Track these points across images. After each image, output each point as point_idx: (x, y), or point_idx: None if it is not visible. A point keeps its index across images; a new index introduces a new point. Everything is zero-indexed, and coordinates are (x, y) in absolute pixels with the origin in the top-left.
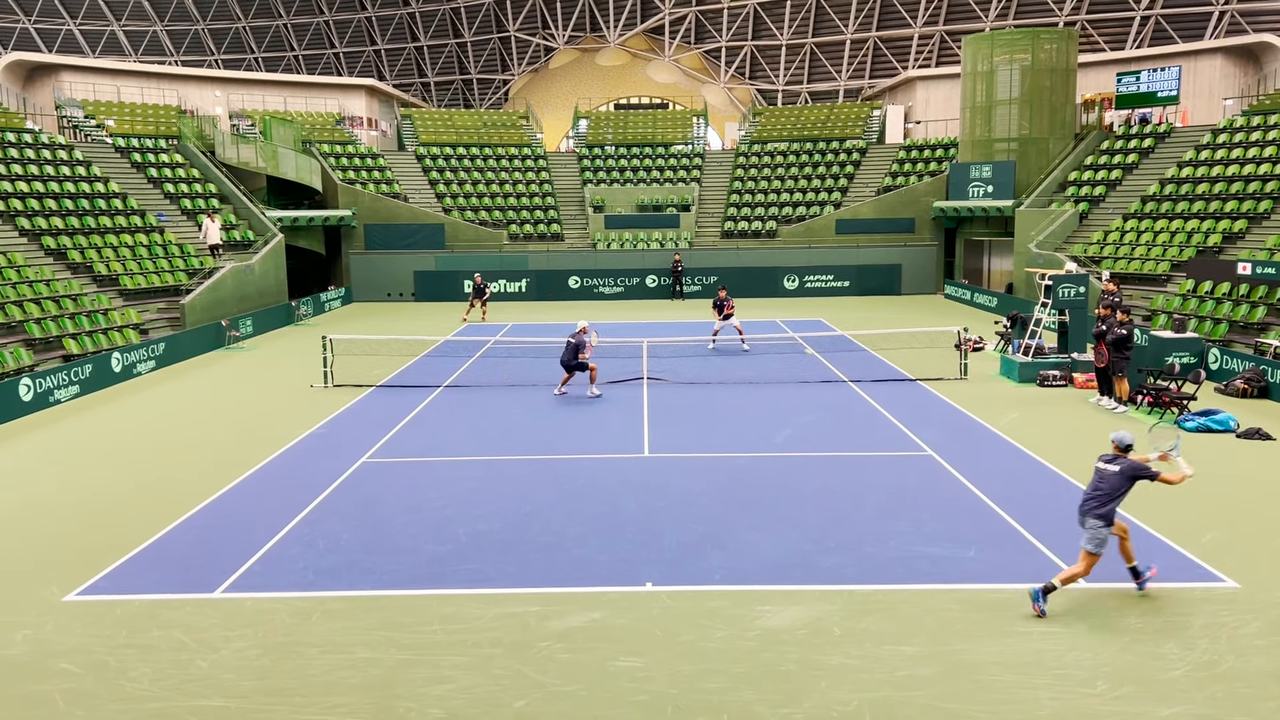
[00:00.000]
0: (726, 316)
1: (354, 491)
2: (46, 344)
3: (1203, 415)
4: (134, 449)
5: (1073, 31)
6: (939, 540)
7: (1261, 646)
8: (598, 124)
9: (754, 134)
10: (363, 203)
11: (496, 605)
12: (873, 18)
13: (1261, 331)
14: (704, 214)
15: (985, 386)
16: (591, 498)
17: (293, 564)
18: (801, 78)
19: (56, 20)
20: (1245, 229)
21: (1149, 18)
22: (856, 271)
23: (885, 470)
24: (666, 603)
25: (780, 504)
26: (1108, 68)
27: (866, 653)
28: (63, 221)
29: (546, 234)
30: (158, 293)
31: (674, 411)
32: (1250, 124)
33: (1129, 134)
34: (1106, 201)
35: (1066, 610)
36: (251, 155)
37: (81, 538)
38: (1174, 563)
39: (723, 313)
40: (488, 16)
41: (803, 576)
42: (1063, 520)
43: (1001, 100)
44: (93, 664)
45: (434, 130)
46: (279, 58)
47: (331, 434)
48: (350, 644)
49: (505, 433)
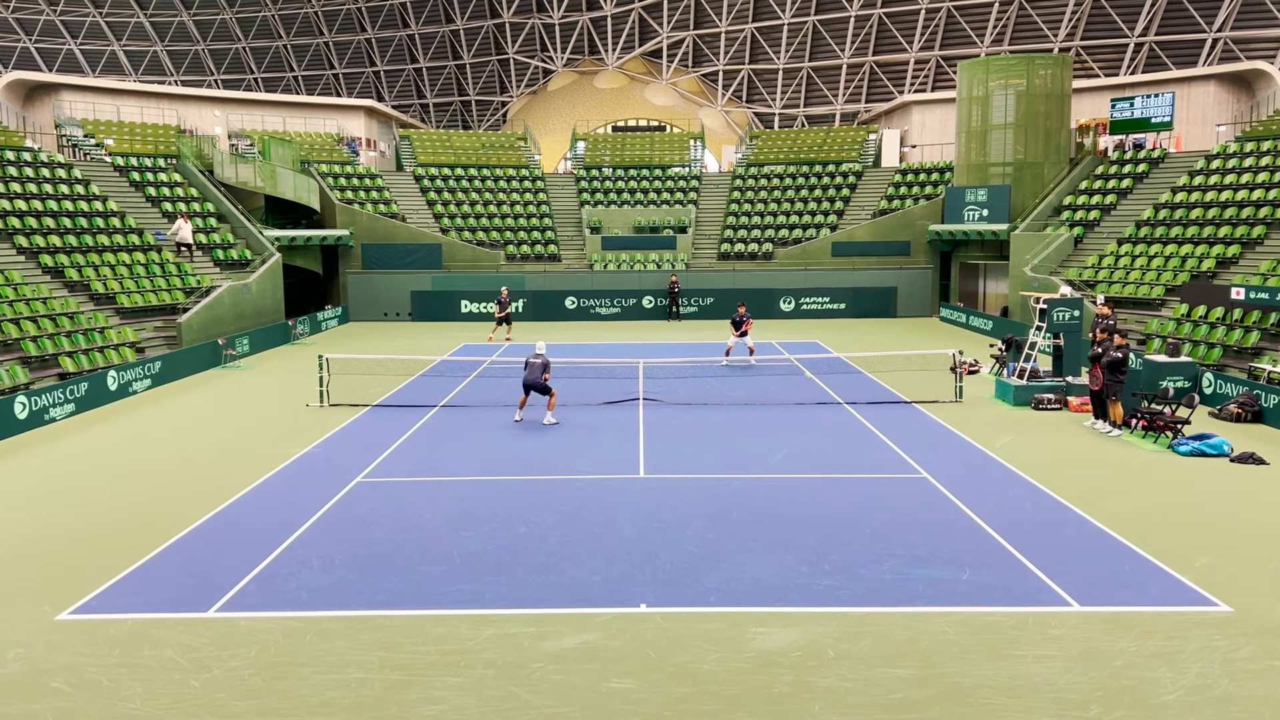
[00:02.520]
0: (743, 334)
1: (349, 511)
2: (43, 362)
3: (1197, 439)
4: (128, 467)
5: (1067, 57)
6: (933, 563)
7: (1255, 671)
8: (595, 146)
9: (751, 157)
10: (360, 222)
11: (490, 626)
12: (869, 42)
13: (1255, 356)
14: (701, 236)
15: (980, 409)
16: (586, 518)
17: (287, 583)
18: (798, 101)
19: (57, 40)
20: (1239, 254)
21: (1143, 44)
22: (852, 294)
23: (880, 492)
24: (660, 624)
25: (775, 526)
26: (1102, 93)
27: (860, 675)
28: (61, 240)
29: (544, 255)
30: (154, 311)
31: (669, 432)
32: (1244, 150)
33: (1123, 159)
34: (1101, 226)
35: (1060, 634)
36: (250, 175)
37: (75, 556)
38: (1167, 586)
39: (740, 329)
40: (487, 39)
41: (797, 598)
42: (1056, 543)
43: (997, 125)
44: (85, 683)
45: (432, 151)
46: (278, 78)
47: (327, 453)
48: (344, 664)
49: (501, 453)
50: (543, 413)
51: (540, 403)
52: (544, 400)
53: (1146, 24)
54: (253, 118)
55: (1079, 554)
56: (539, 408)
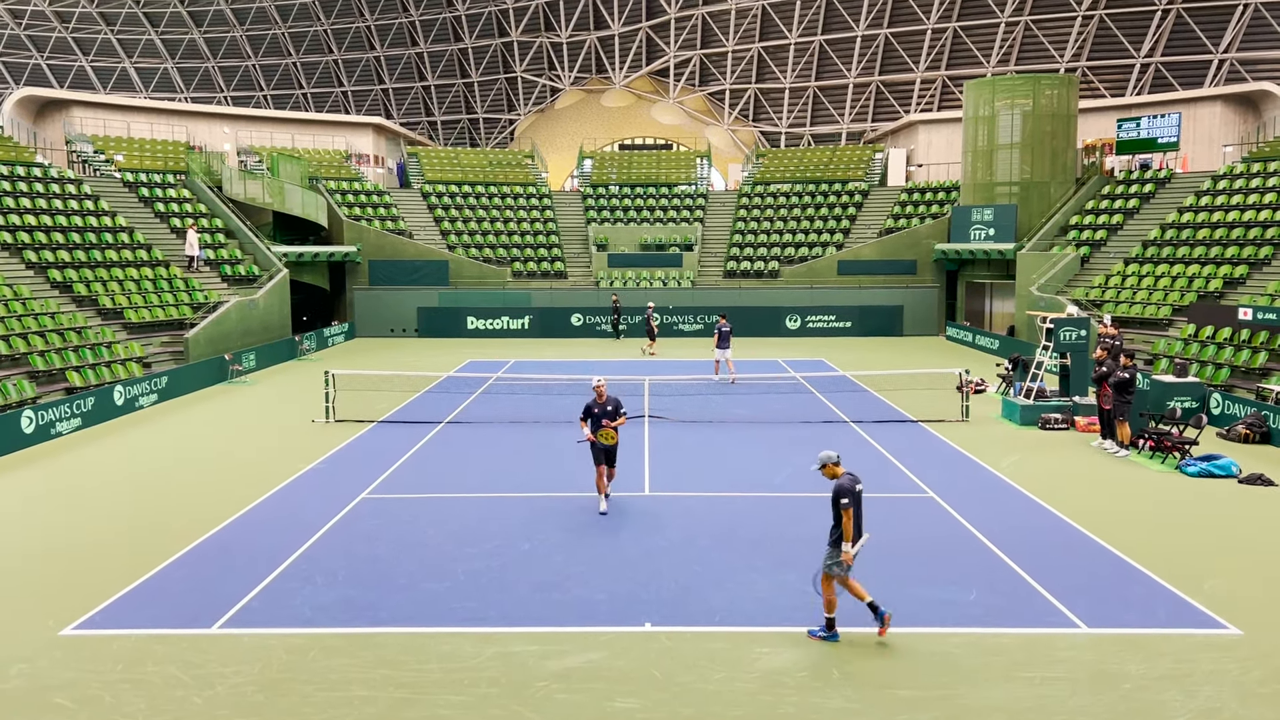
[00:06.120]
0: (651, 336)
1: (353, 527)
2: (50, 376)
3: (1205, 460)
4: (134, 482)
5: (1073, 78)
6: (940, 583)
7: (1265, 695)
8: (602, 164)
9: (757, 175)
10: (368, 239)
11: (494, 644)
12: (875, 62)
13: (1263, 377)
14: (707, 253)
15: (986, 429)
16: (591, 536)
17: (291, 600)
18: (805, 120)
19: (69, 56)
20: (1246, 274)
21: (1149, 65)
22: (858, 312)
23: (886, 512)
24: (665, 643)
25: (780, 545)
26: (1108, 113)
27: (866, 696)
28: (69, 255)
29: (550, 272)
30: (162, 326)
31: (674, 450)
32: (1250, 170)
33: (1130, 179)
34: (1107, 246)
35: (1069, 656)
36: (258, 191)
37: (79, 571)
38: (1176, 608)
39: (724, 343)
40: (495, 57)
41: (802, 618)
42: (1064, 564)
43: (1003, 144)
44: (88, 699)
45: (440, 168)
46: (287, 95)
47: (331, 469)
48: (347, 682)
49: (505, 469)
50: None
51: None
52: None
53: (1153, 45)
54: (262, 134)
55: (1087, 575)
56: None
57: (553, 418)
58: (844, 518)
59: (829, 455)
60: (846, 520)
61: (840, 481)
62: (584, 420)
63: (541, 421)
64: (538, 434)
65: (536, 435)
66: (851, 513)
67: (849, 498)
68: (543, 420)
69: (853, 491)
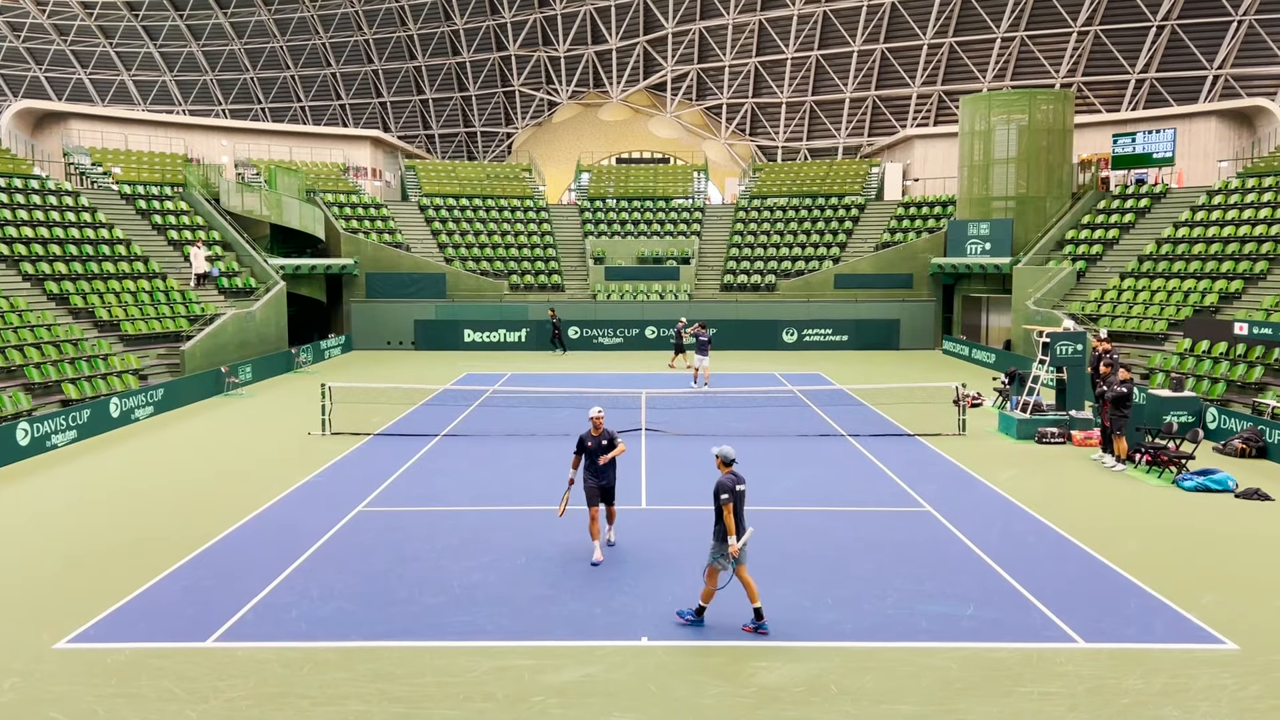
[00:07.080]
0: (679, 350)
1: (349, 540)
2: (45, 388)
3: (1201, 475)
4: (129, 494)
5: (1069, 93)
6: (937, 598)
7: (1263, 710)
8: (599, 177)
9: (754, 189)
10: (365, 252)
11: (490, 658)
12: (872, 77)
13: (1259, 391)
14: (704, 267)
15: (983, 442)
16: (587, 550)
17: (286, 613)
18: (801, 134)
19: (67, 69)
20: (1241, 289)
21: (1144, 80)
22: (855, 326)
23: (883, 526)
24: (662, 658)
25: (777, 559)
26: (1104, 129)
27: (864, 711)
28: (66, 267)
29: (547, 285)
30: (158, 338)
31: (671, 463)
32: (1245, 186)
33: (1125, 194)
34: (1103, 260)
35: (1066, 671)
36: (256, 203)
37: (73, 584)
38: (1173, 623)
39: (702, 349)
40: (493, 71)
41: (799, 633)
42: (1061, 579)
43: (999, 159)
44: (82, 713)
45: (437, 181)
46: (285, 108)
47: (328, 482)
48: (342, 695)
49: (502, 483)
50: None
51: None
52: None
53: (1148, 60)
54: (259, 147)
55: (1084, 590)
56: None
57: (549, 430)
58: (725, 512)
59: (727, 452)
60: (727, 514)
61: (721, 479)
62: (576, 455)
63: (538, 435)
64: (535, 447)
65: (533, 448)
66: (732, 508)
67: (728, 494)
68: (539, 433)
69: (733, 489)
